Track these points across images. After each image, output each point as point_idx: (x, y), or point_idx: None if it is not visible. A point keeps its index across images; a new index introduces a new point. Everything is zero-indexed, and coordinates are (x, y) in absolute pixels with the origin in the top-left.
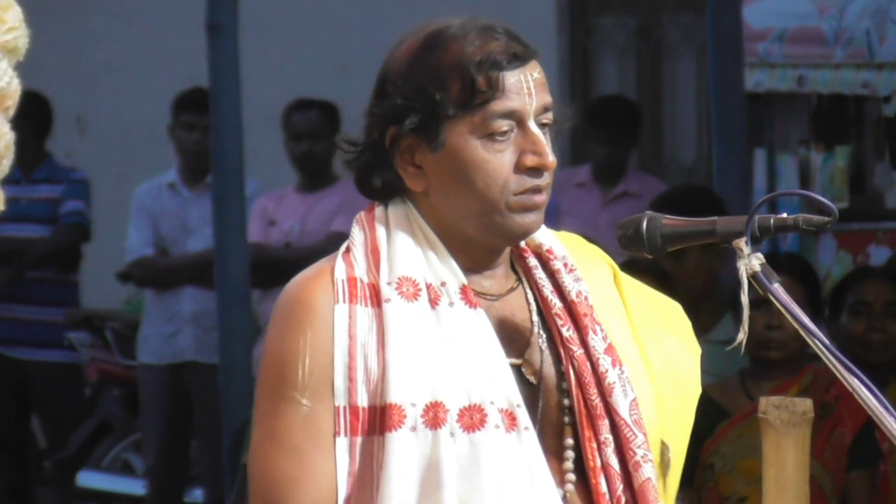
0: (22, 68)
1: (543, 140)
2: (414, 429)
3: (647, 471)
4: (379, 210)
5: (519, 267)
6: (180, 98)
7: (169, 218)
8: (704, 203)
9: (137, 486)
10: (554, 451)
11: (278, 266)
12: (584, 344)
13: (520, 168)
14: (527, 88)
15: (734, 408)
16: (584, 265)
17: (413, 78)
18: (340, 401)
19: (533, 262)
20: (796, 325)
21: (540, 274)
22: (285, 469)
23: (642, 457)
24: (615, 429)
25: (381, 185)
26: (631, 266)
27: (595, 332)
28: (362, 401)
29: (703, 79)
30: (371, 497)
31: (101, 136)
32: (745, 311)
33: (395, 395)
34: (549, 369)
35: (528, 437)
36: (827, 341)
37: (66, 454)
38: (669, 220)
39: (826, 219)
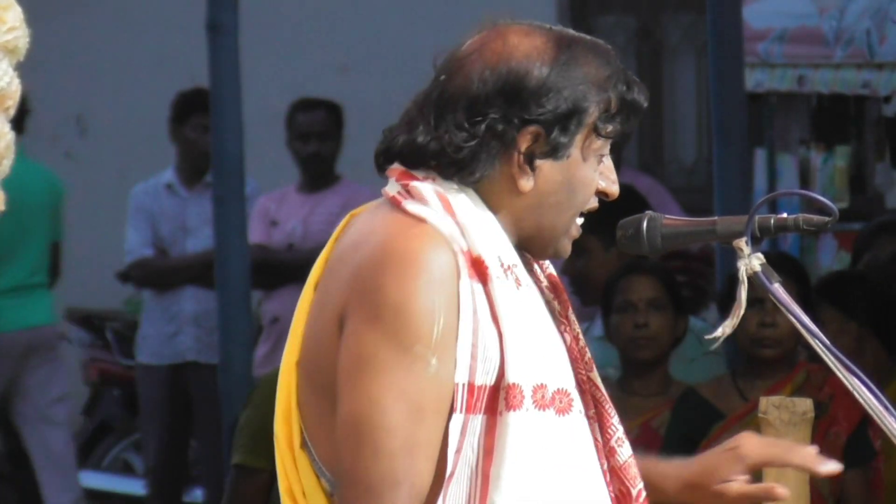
0: (22, 68)
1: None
2: (528, 410)
3: (627, 451)
4: (428, 184)
5: None
6: (189, 99)
7: (168, 219)
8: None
9: (137, 486)
10: None
11: (281, 268)
12: (568, 319)
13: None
14: None
15: (727, 408)
16: None
17: (567, 89)
18: (461, 377)
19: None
20: (797, 325)
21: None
22: (411, 430)
23: (623, 434)
24: (595, 405)
25: (479, 175)
26: (632, 267)
27: (573, 307)
28: (480, 379)
29: (703, 79)
30: (473, 475)
31: (101, 136)
32: (741, 310)
33: (514, 376)
34: None
35: (584, 420)
36: (827, 341)
37: None
38: (670, 220)
39: (826, 219)
